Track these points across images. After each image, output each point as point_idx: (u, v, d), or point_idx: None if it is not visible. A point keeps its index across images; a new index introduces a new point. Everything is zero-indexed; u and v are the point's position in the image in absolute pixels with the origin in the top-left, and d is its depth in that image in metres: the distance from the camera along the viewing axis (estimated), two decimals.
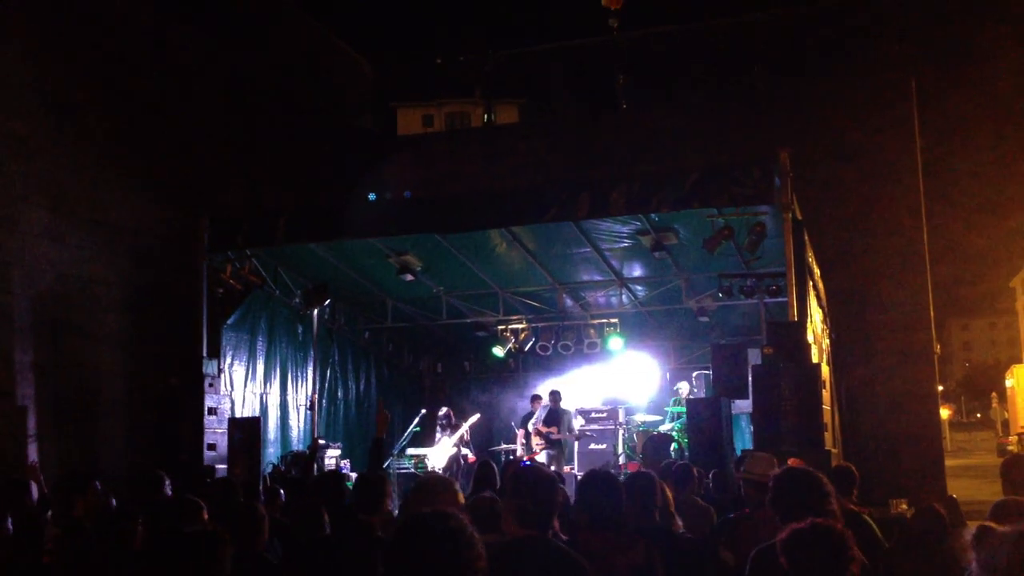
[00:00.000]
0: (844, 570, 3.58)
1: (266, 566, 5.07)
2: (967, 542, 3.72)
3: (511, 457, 15.80)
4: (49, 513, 7.02)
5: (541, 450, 15.82)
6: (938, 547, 5.86)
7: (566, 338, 17.68)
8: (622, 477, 14.56)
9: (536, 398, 17.37)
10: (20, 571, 5.39)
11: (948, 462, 21.22)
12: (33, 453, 13.15)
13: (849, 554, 3.63)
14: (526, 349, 18.21)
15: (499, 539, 4.15)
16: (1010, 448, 38.45)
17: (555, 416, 16.40)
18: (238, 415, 14.37)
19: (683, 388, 17.06)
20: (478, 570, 2.55)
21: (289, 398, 16.38)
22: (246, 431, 13.45)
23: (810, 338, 11.50)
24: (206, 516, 5.53)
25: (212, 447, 12.87)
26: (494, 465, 9.26)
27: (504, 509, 4.22)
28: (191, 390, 12.98)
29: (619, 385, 18.33)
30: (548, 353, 17.91)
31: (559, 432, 16.12)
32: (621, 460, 16.49)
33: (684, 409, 15.26)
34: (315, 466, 13.74)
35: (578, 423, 17.00)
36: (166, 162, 16.23)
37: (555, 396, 16.68)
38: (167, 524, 5.22)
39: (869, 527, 6.28)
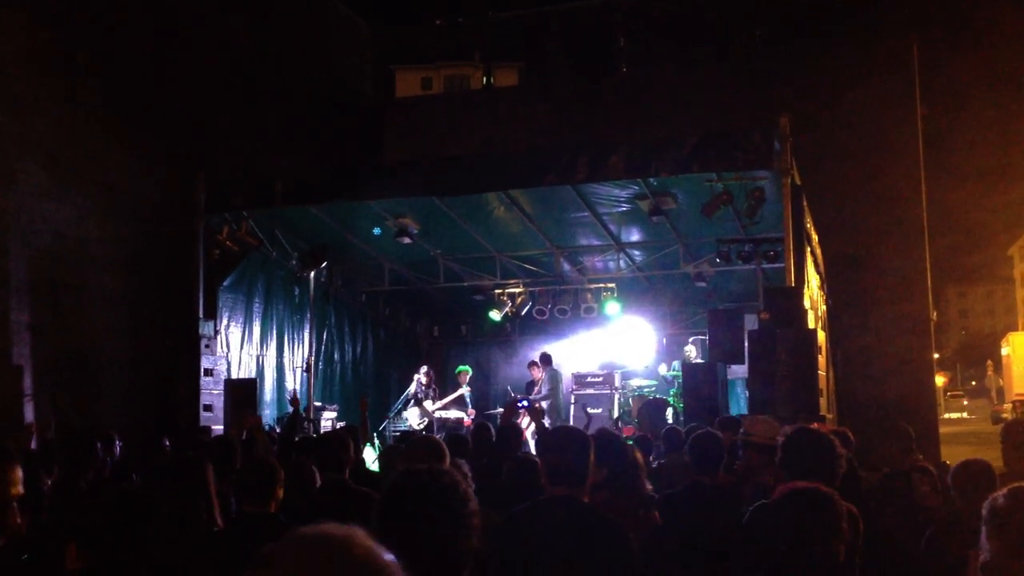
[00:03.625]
0: (830, 540, 3.59)
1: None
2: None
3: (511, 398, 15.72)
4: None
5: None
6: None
7: (563, 302, 17.69)
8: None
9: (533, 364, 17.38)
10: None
11: (942, 429, 21.32)
12: (29, 413, 13.18)
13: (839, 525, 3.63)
14: (523, 313, 18.22)
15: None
16: (1004, 416, 38.61)
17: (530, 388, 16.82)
18: (234, 377, 14.38)
19: (691, 352, 17.02)
20: (471, 526, 2.55)
21: (285, 360, 16.39)
22: (242, 393, 13.48)
23: (807, 304, 11.51)
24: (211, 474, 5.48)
25: (208, 408, 12.91)
26: (491, 427, 9.29)
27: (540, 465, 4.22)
28: (187, 351, 13.00)
29: (616, 350, 18.36)
30: (545, 317, 17.91)
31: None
32: (617, 424, 16.54)
33: (680, 373, 15.30)
34: (301, 425, 13.78)
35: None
36: (164, 123, 16.14)
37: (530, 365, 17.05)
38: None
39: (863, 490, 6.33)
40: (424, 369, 16.93)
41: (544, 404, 16.00)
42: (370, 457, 14.75)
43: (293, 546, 1.75)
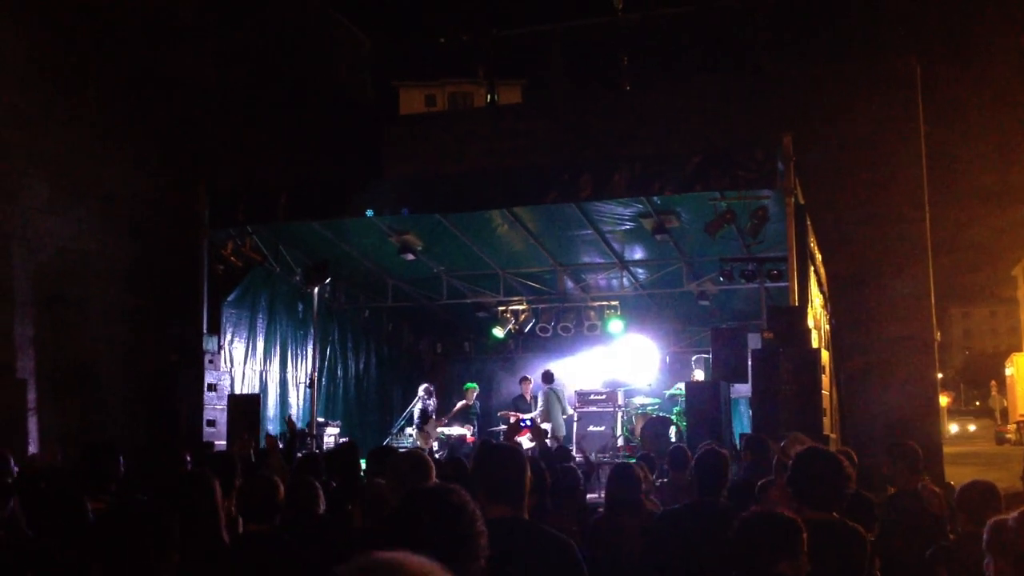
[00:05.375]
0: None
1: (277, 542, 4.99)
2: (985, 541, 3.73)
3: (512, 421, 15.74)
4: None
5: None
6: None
7: (566, 320, 17.68)
8: (619, 458, 14.61)
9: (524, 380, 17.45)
10: None
11: (946, 449, 21.24)
12: (32, 426, 13.17)
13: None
14: (526, 330, 18.21)
15: None
16: (1008, 436, 38.47)
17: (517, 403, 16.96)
18: (237, 392, 14.37)
19: (698, 375, 16.95)
20: (480, 545, 2.55)
21: (289, 376, 16.39)
22: (245, 408, 13.47)
23: (810, 323, 11.51)
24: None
25: (211, 423, 12.90)
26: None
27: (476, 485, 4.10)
28: (191, 366, 12.99)
29: (619, 368, 18.32)
30: (548, 335, 17.90)
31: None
32: (619, 443, 16.51)
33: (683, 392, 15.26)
34: (304, 442, 13.79)
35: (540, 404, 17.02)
36: (168, 137, 16.18)
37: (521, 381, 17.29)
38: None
39: (872, 508, 6.34)
40: (424, 386, 16.95)
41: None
42: None
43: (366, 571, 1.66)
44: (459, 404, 17.07)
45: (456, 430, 16.44)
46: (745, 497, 6.69)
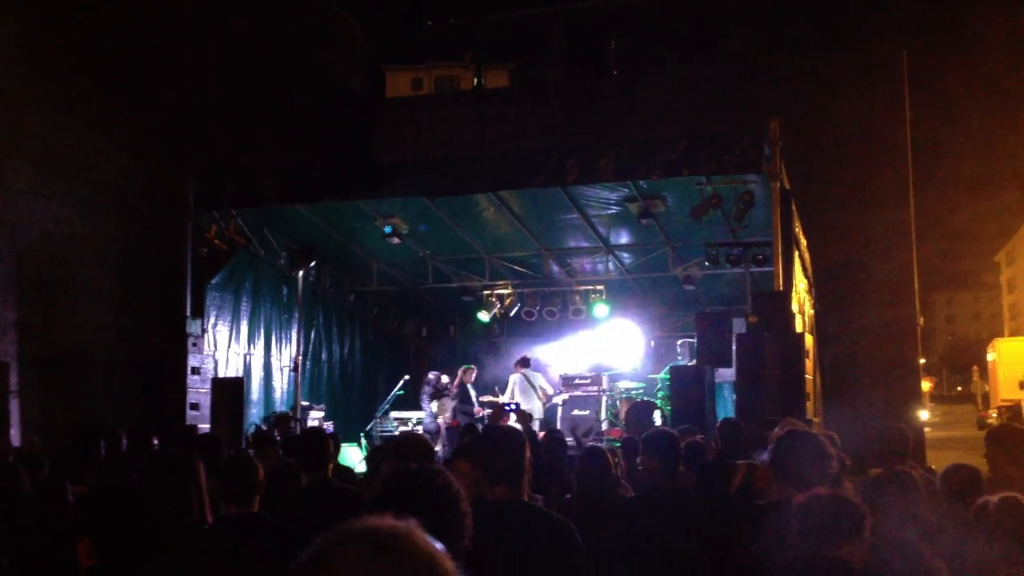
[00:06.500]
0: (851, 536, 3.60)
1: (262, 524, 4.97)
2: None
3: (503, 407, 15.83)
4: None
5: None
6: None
7: (552, 304, 17.68)
8: (604, 443, 14.63)
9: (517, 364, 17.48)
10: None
11: (928, 434, 21.39)
12: (14, 409, 13.12)
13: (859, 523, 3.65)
14: (511, 314, 18.20)
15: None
16: (990, 421, 38.74)
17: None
18: (221, 375, 14.34)
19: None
20: (463, 527, 2.54)
21: (273, 359, 16.35)
22: (229, 391, 13.44)
23: (795, 308, 11.54)
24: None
25: (195, 406, 12.87)
26: (479, 428, 9.30)
27: (475, 468, 4.09)
28: (174, 350, 12.96)
29: (604, 352, 18.34)
30: (533, 319, 17.90)
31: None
32: (604, 426, 16.54)
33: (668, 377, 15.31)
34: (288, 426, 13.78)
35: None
36: (153, 120, 16.09)
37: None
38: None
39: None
40: (434, 372, 17.10)
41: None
42: (357, 457, 14.76)
43: (349, 541, 1.54)
44: (457, 379, 17.08)
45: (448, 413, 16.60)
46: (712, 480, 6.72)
